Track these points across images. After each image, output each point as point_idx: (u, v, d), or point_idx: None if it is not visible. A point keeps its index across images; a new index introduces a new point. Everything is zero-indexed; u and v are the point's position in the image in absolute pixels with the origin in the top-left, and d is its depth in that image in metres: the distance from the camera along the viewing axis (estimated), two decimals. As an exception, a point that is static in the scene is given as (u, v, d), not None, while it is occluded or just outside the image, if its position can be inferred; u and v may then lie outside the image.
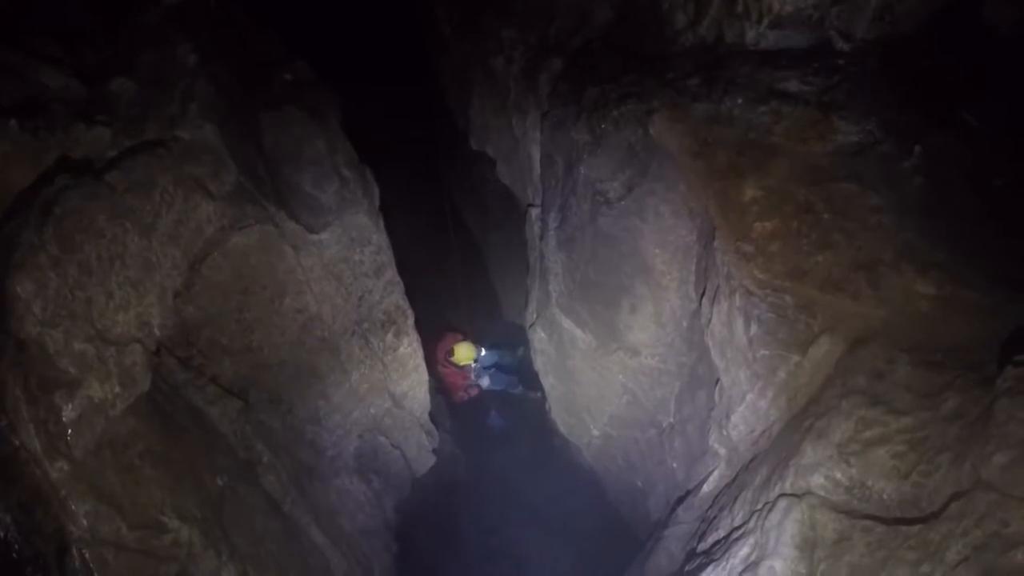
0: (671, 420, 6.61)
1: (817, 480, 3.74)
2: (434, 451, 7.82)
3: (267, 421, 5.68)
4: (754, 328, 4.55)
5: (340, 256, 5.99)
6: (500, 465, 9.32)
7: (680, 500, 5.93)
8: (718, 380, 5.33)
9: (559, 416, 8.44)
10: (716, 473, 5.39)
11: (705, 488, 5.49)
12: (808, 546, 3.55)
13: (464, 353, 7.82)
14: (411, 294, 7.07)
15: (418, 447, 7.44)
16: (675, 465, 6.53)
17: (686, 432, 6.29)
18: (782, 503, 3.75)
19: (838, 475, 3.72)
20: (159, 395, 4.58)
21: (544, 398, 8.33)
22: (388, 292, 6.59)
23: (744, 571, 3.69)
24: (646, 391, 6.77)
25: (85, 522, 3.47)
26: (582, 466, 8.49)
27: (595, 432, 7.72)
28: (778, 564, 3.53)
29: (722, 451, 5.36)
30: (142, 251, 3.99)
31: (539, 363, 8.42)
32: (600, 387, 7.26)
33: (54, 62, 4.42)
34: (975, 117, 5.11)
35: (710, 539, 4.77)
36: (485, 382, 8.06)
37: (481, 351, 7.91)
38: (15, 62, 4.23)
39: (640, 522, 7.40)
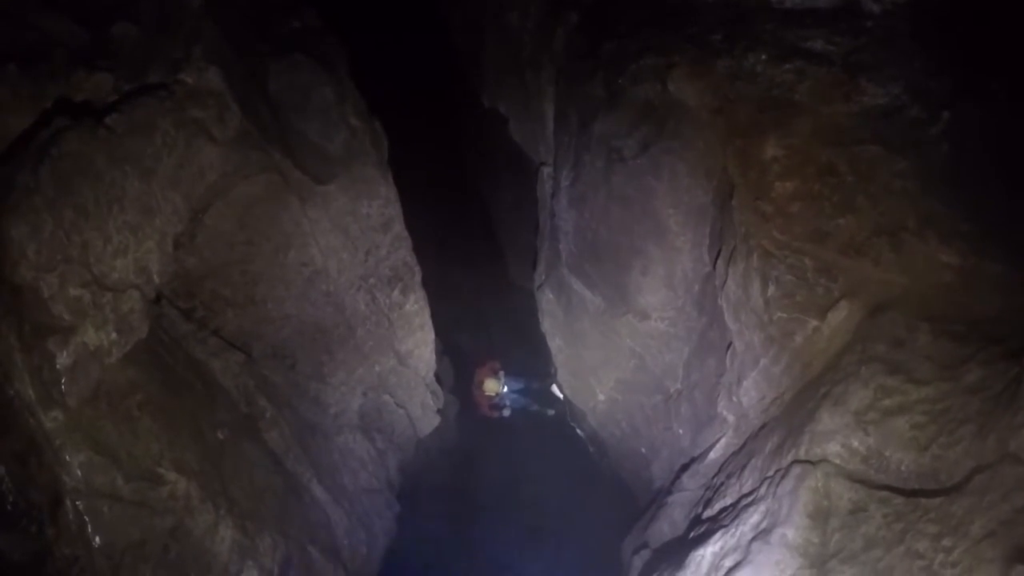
0: (678, 386, 6.51)
1: (833, 448, 3.64)
2: (438, 411, 7.76)
3: (270, 376, 5.60)
4: (771, 290, 4.42)
5: (347, 208, 5.85)
6: (503, 430, 9.37)
7: (685, 467, 5.86)
8: (730, 345, 5.22)
9: (564, 379, 8.37)
10: (724, 440, 5.31)
11: (712, 455, 5.41)
12: (821, 515, 3.46)
13: (491, 387, 8.68)
14: (417, 251, 6.95)
15: (423, 407, 7.37)
16: (681, 431, 6.45)
17: (694, 398, 6.20)
18: (795, 470, 3.66)
19: (855, 443, 3.62)
20: (160, 347, 4.49)
21: (557, 413, 8.87)
22: (395, 247, 6.46)
23: (755, 538, 3.61)
24: (654, 355, 6.67)
25: (79, 472, 3.40)
26: (585, 430, 8.44)
27: (600, 396, 7.63)
28: (790, 532, 3.45)
29: (731, 418, 5.28)
30: (141, 195, 3.86)
31: (546, 324, 8.32)
32: (607, 350, 7.16)
33: (55, 7, 4.26)
34: (1004, 87, 4.94)
35: (717, 506, 4.70)
36: (507, 412, 8.84)
37: (505, 388, 8.79)
38: (15, 7, 4.07)
39: (643, 488, 7.35)
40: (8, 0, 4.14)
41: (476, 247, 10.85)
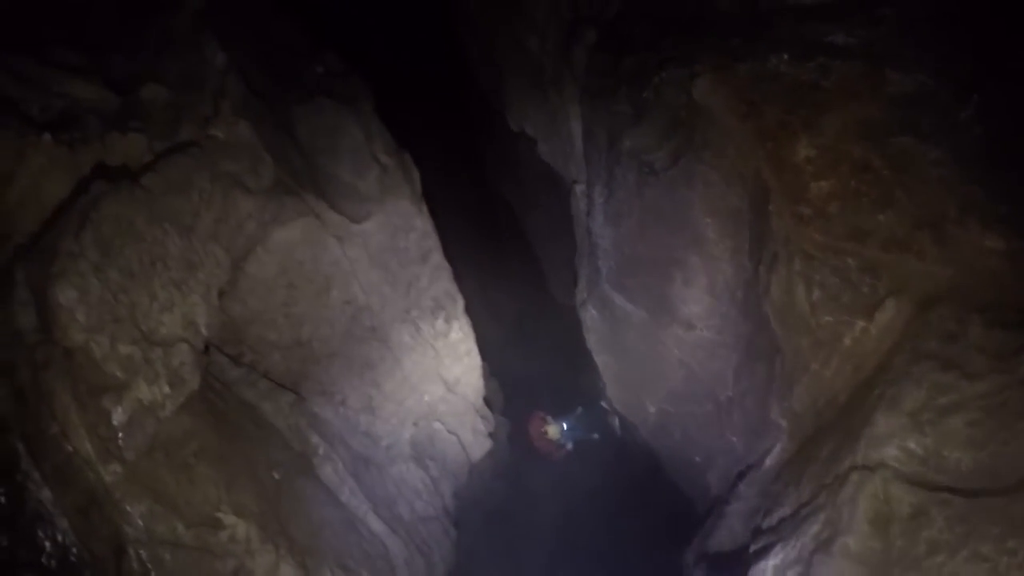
0: (729, 393, 6.41)
1: (890, 451, 3.54)
2: (490, 435, 7.77)
3: (321, 413, 5.69)
4: (816, 293, 4.35)
5: (385, 244, 5.94)
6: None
7: (741, 475, 5.76)
8: (779, 350, 5.13)
9: (614, 394, 8.31)
10: (779, 447, 5.20)
11: (768, 462, 5.31)
12: (882, 521, 3.37)
13: (553, 432, 9.07)
14: (458, 279, 7.00)
15: (474, 432, 7.40)
16: (735, 439, 6.34)
17: (745, 405, 6.09)
18: (854, 477, 3.57)
19: (912, 445, 3.52)
20: (211, 393, 4.61)
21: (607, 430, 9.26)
22: (436, 277, 6.53)
23: (816, 550, 3.52)
24: (702, 364, 6.58)
25: (141, 522, 3.50)
26: (638, 443, 8.35)
27: (651, 409, 7.56)
28: (852, 541, 3.36)
29: (784, 423, 5.17)
30: (183, 251, 4.00)
31: (592, 341, 8.28)
32: (655, 362, 7.09)
33: (84, 73, 4.44)
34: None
35: (775, 516, 4.60)
36: (570, 445, 9.19)
37: (564, 426, 9.17)
38: (43, 76, 4.24)
39: (699, 497, 7.24)
40: (37, 69, 4.31)
41: (515, 269, 10.88)
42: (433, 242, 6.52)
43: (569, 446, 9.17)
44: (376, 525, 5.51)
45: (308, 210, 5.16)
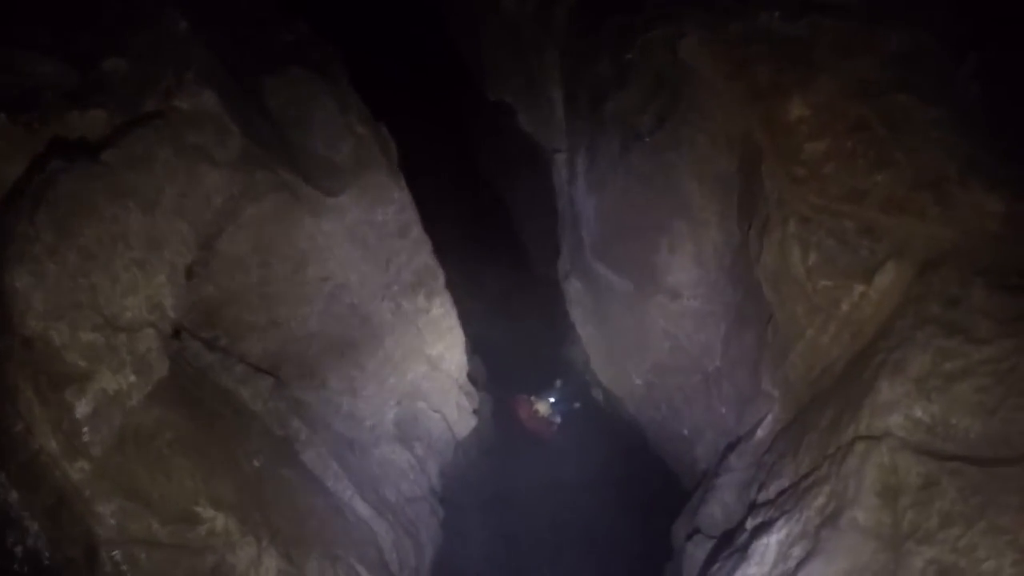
0: (717, 364, 6.31)
1: (896, 419, 3.43)
2: (474, 411, 7.62)
3: (302, 396, 5.48)
4: (812, 257, 4.21)
5: (362, 218, 5.69)
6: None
7: (731, 446, 5.67)
8: (771, 317, 5.01)
9: (599, 366, 8.22)
10: (771, 416, 5.11)
11: (759, 433, 5.21)
12: (891, 493, 3.26)
13: (545, 408, 9.26)
14: (438, 253, 6.80)
15: (458, 409, 7.23)
16: (724, 410, 6.26)
17: (734, 375, 6.00)
18: (859, 447, 3.46)
19: (918, 413, 3.41)
20: (185, 380, 4.38)
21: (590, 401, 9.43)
22: (416, 252, 6.30)
23: (823, 524, 3.41)
24: (689, 335, 6.47)
25: (112, 521, 3.29)
26: (623, 417, 8.28)
27: (637, 381, 7.46)
28: (860, 514, 3.25)
29: (776, 393, 5.07)
30: (146, 229, 3.73)
31: (575, 314, 8.16)
32: (641, 334, 6.98)
33: (44, 50, 4.16)
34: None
35: (772, 488, 4.50)
36: (558, 419, 9.38)
37: (553, 402, 9.36)
38: (3, 55, 3.99)
39: (686, 471, 7.19)
40: (-7, 48, 4.07)
41: (496, 242, 10.70)
42: (412, 215, 6.28)
43: (558, 419, 9.23)
44: (362, 509, 5.34)
45: (280, 184, 4.89)
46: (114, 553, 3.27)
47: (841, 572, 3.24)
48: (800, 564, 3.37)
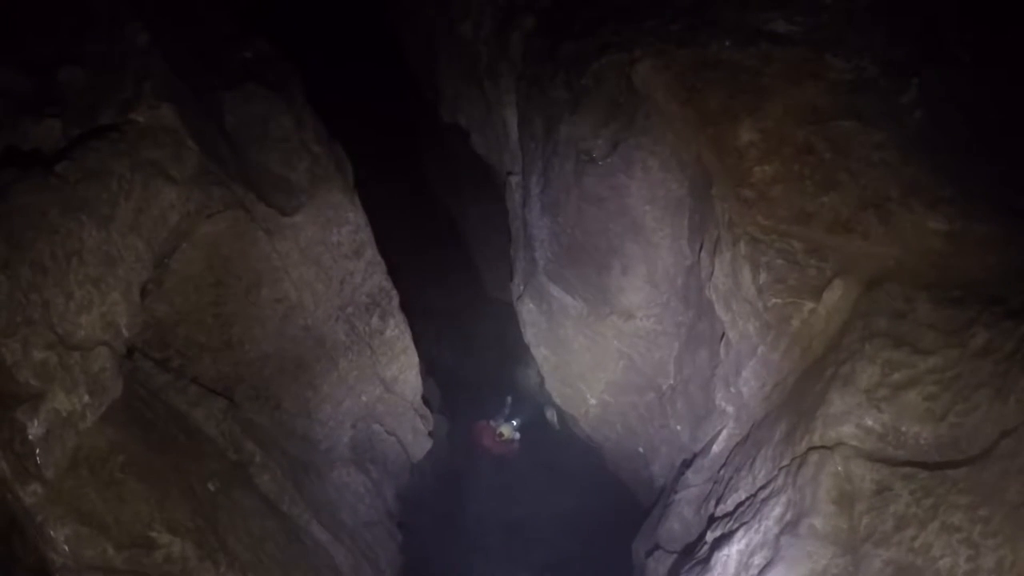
0: (671, 382, 6.42)
1: (848, 429, 3.55)
2: (429, 434, 7.57)
3: (255, 418, 5.37)
4: (763, 276, 4.33)
5: (317, 238, 5.65)
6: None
7: (687, 463, 5.75)
8: (723, 335, 5.13)
9: (553, 387, 8.23)
10: (725, 432, 5.21)
11: (715, 448, 5.31)
12: (846, 500, 3.36)
13: (509, 431, 9.37)
14: (391, 274, 6.77)
15: (414, 431, 7.18)
16: (679, 427, 6.35)
17: (688, 393, 6.11)
18: (813, 457, 3.56)
19: (869, 422, 3.54)
20: (137, 402, 4.25)
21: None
22: (370, 273, 6.28)
23: (782, 532, 3.50)
24: (643, 354, 6.57)
25: (67, 547, 3.15)
26: (579, 436, 8.32)
27: (592, 400, 7.51)
28: (817, 521, 3.34)
29: (730, 409, 5.18)
30: (101, 245, 3.62)
31: (529, 335, 8.18)
32: (595, 354, 7.05)
33: (-5, 57, 4.06)
34: (968, 52, 4.97)
35: (730, 500, 4.58)
36: (517, 436, 9.50)
37: (515, 423, 9.46)
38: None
39: (643, 488, 7.25)
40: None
41: (449, 264, 10.71)
42: (367, 236, 6.26)
43: (518, 436, 9.42)
44: (319, 534, 5.24)
45: (236, 201, 4.83)
46: (68, 580, 3.13)
47: (802, 577, 3.33)
48: (762, 572, 3.44)
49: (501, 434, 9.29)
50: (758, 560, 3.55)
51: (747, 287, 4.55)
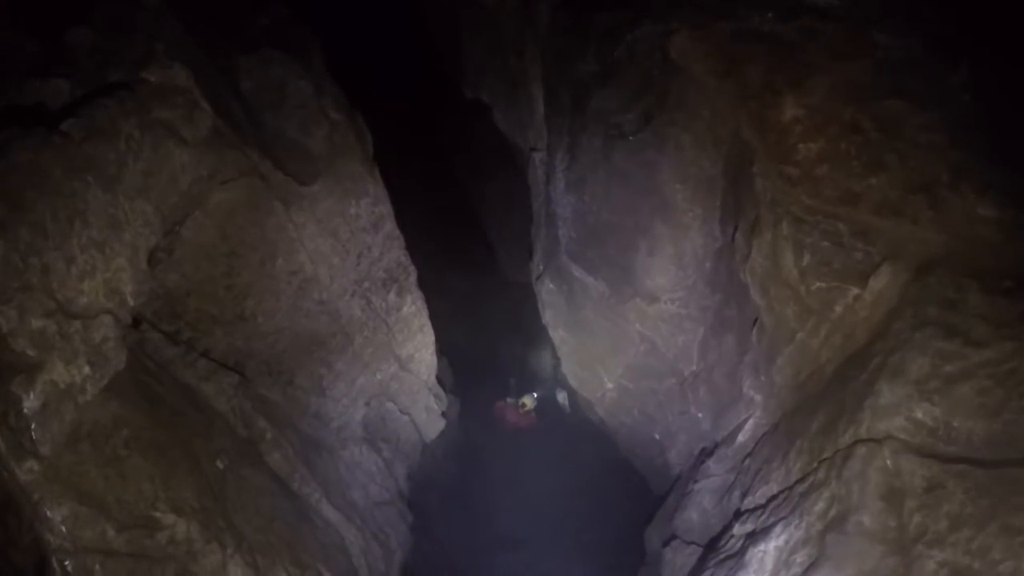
0: (694, 368, 6.22)
1: (897, 422, 3.35)
2: (443, 414, 7.43)
3: (267, 395, 5.22)
4: (806, 258, 4.12)
5: (334, 209, 5.46)
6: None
7: (708, 452, 5.58)
8: (756, 321, 4.93)
9: (570, 370, 8.06)
10: (752, 421, 5.02)
11: (740, 438, 5.12)
12: (896, 496, 3.17)
13: (530, 402, 9.55)
14: (409, 250, 6.60)
15: (427, 411, 7.03)
16: (700, 415, 6.17)
17: (712, 380, 5.91)
18: (860, 450, 3.36)
19: (920, 415, 3.33)
20: (144, 375, 4.09)
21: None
22: (388, 248, 6.09)
23: (827, 529, 3.30)
24: (665, 339, 6.37)
25: (64, 528, 2.98)
26: (594, 420, 8.17)
27: (609, 385, 7.33)
28: (866, 519, 3.15)
29: (759, 397, 4.98)
30: (106, 207, 3.41)
31: (547, 316, 8.00)
32: (615, 337, 6.85)
33: (2, 19, 3.87)
34: (1019, 36, 4.72)
35: (760, 493, 4.39)
36: (535, 408, 9.69)
37: (534, 394, 9.58)
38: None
39: (657, 476, 7.09)
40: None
41: (466, 242, 10.56)
42: (385, 209, 6.07)
43: (534, 408, 9.61)
44: (330, 513, 5.09)
45: (251, 168, 4.64)
46: (66, 563, 2.95)
47: (852, 578, 3.14)
48: (807, 571, 3.25)
49: (524, 404, 9.44)
50: (800, 558, 3.36)
51: (788, 270, 4.34)
